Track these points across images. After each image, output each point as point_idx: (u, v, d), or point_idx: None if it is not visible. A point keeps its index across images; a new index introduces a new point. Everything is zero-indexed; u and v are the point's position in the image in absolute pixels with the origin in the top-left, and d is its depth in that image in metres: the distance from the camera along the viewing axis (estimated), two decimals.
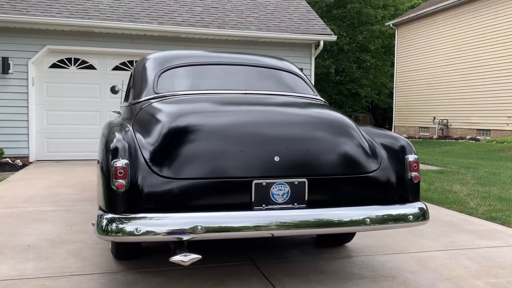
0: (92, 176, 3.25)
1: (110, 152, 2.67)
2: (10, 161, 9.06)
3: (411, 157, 3.04)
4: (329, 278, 3.17)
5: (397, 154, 3.08)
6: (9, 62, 9.19)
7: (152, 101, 3.40)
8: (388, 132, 3.38)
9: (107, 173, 2.63)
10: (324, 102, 3.85)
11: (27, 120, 9.41)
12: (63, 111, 9.72)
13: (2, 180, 7.07)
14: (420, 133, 20.47)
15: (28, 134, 9.43)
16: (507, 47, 16.25)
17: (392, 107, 23.37)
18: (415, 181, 3.02)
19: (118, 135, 2.80)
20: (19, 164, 8.90)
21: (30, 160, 9.45)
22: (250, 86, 3.68)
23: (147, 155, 2.74)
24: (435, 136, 19.07)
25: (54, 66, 9.70)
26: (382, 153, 3.08)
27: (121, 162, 2.61)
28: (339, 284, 3.06)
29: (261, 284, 3.03)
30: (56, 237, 4.06)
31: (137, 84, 3.78)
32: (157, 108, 3.22)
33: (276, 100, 3.52)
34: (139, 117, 3.25)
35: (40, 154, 9.65)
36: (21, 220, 4.62)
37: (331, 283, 3.06)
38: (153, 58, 3.95)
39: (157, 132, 2.86)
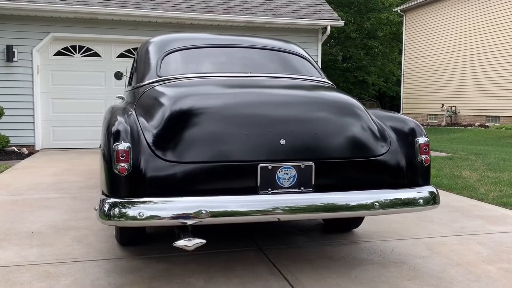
0: (98, 164, 3.21)
1: (112, 136, 2.60)
2: (16, 149, 9.06)
3: (421, 140, 2.95)
4: (337, 263, 3.11)
5: (406, 137, 2.99)
6: (13, 50, 9.15)
7: (155, 84, 3.33)
8: (397, 114, 3.29)
9: (109, 157, 2.57)
10: (332, 84, 3.75)
11: (33, 109, 9.39)
12: (69, 99, 9.69)
13: (8, 168, 7.06)
14: (428, 120, 20.27)
15: (33, 122, 9.42)
16: None
17: (400, 95, 23.15)
18: (425, 164, 2.94)
19: (120, 119, 2.73)
20: (25, 153, 8.89)
21: (36, 149, 9.45)
22: (255, 68, 3.60)
23: (150, 138, 2.67)
24: (443, 123, 18.88)
25: (58, 54, 9.65)
26: (391, 135, 3.00)
27: (123, 146, 2.54)
28: (347, 269, 3.00)
29: (267, 270, 2.98)
30: (60, 223, 4.03)
31: (140, 68, 3.71)
32: (160, 91, 3.15)
33: (282, 83, 3.44)
34: (142, 101, 3.18)
35: (46, 142, 9.64)
36: (26, 207, 4.60)
37: (339, 269, 3.00)
38: (156, 42, 3.87)
39: (160, 115, 2.79)
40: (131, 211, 2.46)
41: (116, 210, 2.47)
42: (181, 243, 2.47)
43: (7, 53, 9.09)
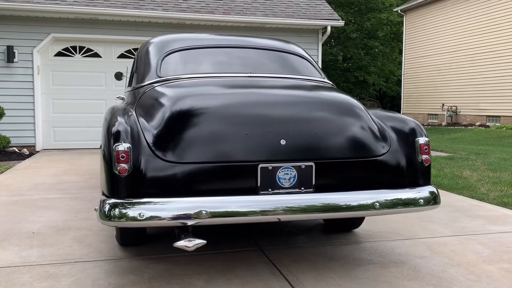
0: (98, 164, 3.21)
1: (112, 136, 2.60)
2: (17, 150, 9.06)
3: (421, 140, 2.95)
4: (337, 264, 3.11)
5: (407, 137, 2.99)
6: (14, 50, 9.16)
7: (155, 85, 3.33)
8: (397, 114, 3.29)
9: (109, 158, 2.57)
10: (332, 85, 3.75)
11: (33, 109, 9.40)
12: (69, 99, 9.70)
13: (8, 169, 7.06)
14: (429, 120, 20.26)
15: (34, 123, 9.43)
16: None
17: (400, 95, 23.14)
18: (426, 164, 2.94)
19: (120, 119, 2.73)
20: (26, 153, 8.90)
21: (37, 149, 9.45)
22: (255, 68, 3.60)
23: (150, 139, 2.67)
24: (444, 123, 18.87)
25: (59, 54, 9.65)
26: (392, 135, 3.00)
27: (123, 146, 2.54)
28: (348, 269, 3.00)
29: (268, 270, 2.98)
30: (61, 224, 4.03)
31: (140, 68, 3.71)
32: (160, 91, 3.15)
33: (282, 83, 3.44)
34: (142, 101, 3.18)
35: (46, 143, 9.65)
36: (26, 208, 4.60)
37: (340, 269, 3.00)
38: (156, 42, 3.87)
39: (160, 116, 2.79)
40: (132, 212, 2.46)
41: (117, 211, 2.47)
42: (181, 243, 2.47)
43: (8, 54, 9.10)
